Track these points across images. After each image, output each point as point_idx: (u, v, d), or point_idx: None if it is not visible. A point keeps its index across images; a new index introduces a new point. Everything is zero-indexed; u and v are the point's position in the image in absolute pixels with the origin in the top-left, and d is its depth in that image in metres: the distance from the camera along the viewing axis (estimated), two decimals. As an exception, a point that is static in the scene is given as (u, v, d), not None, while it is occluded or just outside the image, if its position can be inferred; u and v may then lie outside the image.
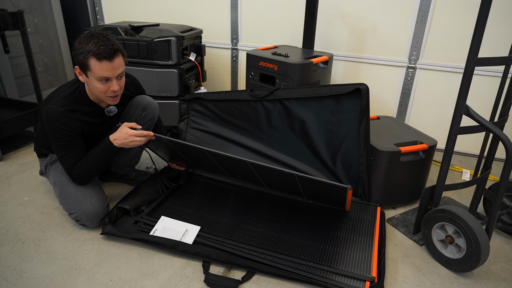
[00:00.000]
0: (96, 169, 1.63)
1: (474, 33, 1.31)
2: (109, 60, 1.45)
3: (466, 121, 1.38)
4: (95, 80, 1.48)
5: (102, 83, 1.49)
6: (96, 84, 1.49)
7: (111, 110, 1.69)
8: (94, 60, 1.43)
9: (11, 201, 1.86)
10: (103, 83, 1.49)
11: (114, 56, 1.46)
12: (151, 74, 2.33)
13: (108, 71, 1.46)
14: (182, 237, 1.55)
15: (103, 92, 1.52)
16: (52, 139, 1.57)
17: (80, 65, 1.47)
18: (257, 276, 1.45)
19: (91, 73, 1.47)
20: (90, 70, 1.46)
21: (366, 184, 1.82)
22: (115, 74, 1.49)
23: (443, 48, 2.37)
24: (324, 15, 2.52)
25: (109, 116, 1.72)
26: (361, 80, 2.61)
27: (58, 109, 1.52)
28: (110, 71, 1.47)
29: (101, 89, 1.51)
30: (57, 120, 1.52)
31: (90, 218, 1.62)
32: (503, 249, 1.65)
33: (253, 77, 2.29)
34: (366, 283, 1.36)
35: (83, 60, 1.44)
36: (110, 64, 1.46)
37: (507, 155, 1.34)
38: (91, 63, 1.44)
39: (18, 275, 1.41)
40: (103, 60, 1.44)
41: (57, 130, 1.53)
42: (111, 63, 1.46)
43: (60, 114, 1.52)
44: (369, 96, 1.72)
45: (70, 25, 3.12)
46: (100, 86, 1.50)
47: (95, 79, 1.48)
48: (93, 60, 1.43)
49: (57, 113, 1.52)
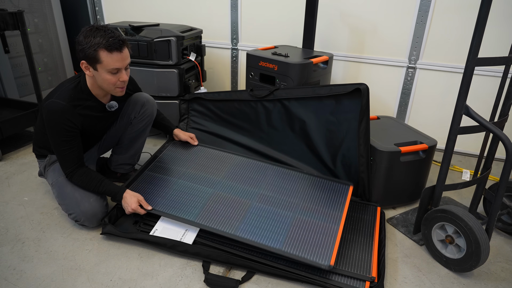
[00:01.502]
0: (91, 191, 1.65)
1: (474, 33, 1.31)
2: (120, 51, 1.47)
3: (466, 121, 1.38)
4: (105, 72, 1.49)
5: (112, 74, 1.51)
6: (106, 76, 1.50)
7: (112, 105, 1.70)
8: (105, 52, 1.44)
9: (11, 201, 1.86)
10: (113, 74, 1.51)
11: (123, 47, 1.48)
12: (151, 74, 2.33)
13: (119, 61, 1.48)
14: (182, 237, 1.55)
15: (113, 83, 1.53)
16: (52, 134, 1.56)
17: (89, 58, 1.47)
18: (257, 276, 1.45)
19: (102, 66, 1.48)
20: (100, 63, 1.47)
21: (366, 184, 1.82)
22: (125, 64, 1.52)
23: (443, 48, 2.37)
24: (324, 15, 2.52)
25: (110, 112, 1.73)
26: (361, 80, 2.61)
27: (60, 103, 1.52)
28: (121, 62, 1.49)
29: (111, 80, 1.52)
30: (60, 114, 1.52)
31: (88, 218, 1.62)
32: (503, 249, 1.65)
33: (253, 77, 2.29)
34: (366, 283, 1.36)
35: (93, 54, 1.45)
36: (121, 55, 1.48)
37: (507, 155, 1.34)
38: (101, 55, 1.45)
39: (18, 275, 1.41)
40: (114, 52, 1.45)
41: (58, 124, 1.53)
42: (121, 54, 1.48)
43: (63, 108, 1.52)
44: (369, 96, 1.72)
45: (70, 25, 3.11)
46: (110, 78, 1.51)
47: (105, 71, 1.49)
48: (104, 52, 1.44)
49: (60, 107, 1.52)
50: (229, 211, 1.62)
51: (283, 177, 1.85)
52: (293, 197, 1.73)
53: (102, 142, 1.90)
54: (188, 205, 1.65)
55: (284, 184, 1.81)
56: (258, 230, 1.52)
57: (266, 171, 1.90)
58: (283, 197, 1.72)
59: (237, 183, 1.80)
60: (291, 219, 1.59)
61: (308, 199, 1.72)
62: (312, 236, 1.50)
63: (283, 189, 1.77)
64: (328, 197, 1.74)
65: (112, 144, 1.96)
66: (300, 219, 1.59)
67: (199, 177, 1.82)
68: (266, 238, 1.49)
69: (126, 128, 1.88)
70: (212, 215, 1.59)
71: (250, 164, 1.94)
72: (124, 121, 1.85)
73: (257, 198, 1.71)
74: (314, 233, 1.52)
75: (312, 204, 1.69)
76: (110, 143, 1.93)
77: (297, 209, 1.65)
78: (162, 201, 1.67)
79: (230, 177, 1.84)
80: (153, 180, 1.80)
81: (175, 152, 2.01)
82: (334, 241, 1.48)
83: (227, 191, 1.74)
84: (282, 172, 1.90)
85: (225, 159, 1.97)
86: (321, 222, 1.58)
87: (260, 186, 1.79)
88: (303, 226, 1.56)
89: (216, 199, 1.68)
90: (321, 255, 1.42)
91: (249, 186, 1.78)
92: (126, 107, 1.83)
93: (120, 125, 1.86)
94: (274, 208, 1.65)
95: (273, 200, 1.70)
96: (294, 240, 1.48)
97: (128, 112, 1.84)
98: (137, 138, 1.92)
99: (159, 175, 1.84)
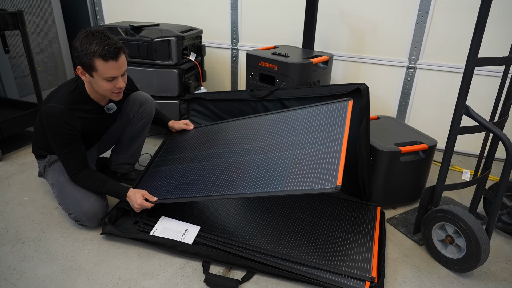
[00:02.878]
0: (95, 192, 1.66)
1: (474, 33, 1.31)
2: (115, 60, 1.46)
3: (466, 121, 1.38)
4: (101, 80, 1.49)
5: (108, 82, 1.50)
6: (102, 84, 1.50)
7: (110, 107, 1.70)
8: (101, 61, 1.44)
9: (11, 201, 1.86)
10: (109, 82, 1.51)
11: (119, 55, 1.47)
12: (151, 74, 2.33)
13: (115, 70, 1.48)
14: (182, 237, 1.55)
15: (109, 90, 1.53)
16: (53, 138, 1.57)
17: (85, 66, 1.47)
18: (257, 276, 1.45)
19: (97, 74, 1.47)
20: (96, 71, 1.46)
21: (366, 184, 1.82)
22: (121, 72, 1.51)
23: (443, 48, 2.37)
24: (324, 15, 2.52)
25: (109, 113, 1.73)
26: (361, 80, 2.61)
27: (59, 107, 1.52)
28: (116, 70, 1.48)
29: (107, 87, 1.52)
30: (59, 118, 1.52)
31: (89, 217, 1.62)
32: (503, 249, 1.65)
33: (253, 77, 2.29)
34: (366, 283, 1.36)
35: (88, 62, 1.44)
36: (116, 63, 1.47)
37: (507, 155, 1.34)
38: (97, 64, 1.44)
39: (18, 275, 1.41)
40: (110, 61, 1.45)
41: (58, 128, 1.53)
42: (117, 63, 1.47)
43: (62, 112, 1.52)
44: (369, 96, 1.72)
45: (70, 25, 3.12)
46: (106, 85, 1.51)
47: (101, 79, 1.49)
48: (100, 61, 1.44)
49: (59, 111, 1.52)
50: (229, 175, 1.57)
51: (278, 122, 1.74)
52: (290, 136, 1.60)
53: (102, 142, 1.90)
54: (191, 184, 1.62)
55: (280, 128, 1.69)
56: (258, 181, 1.45)
57: (260, 123, 1.81)
58: (280, 140, 1.61)
59: (233, 146, 1.74)
60: (290, 157, 1.48)
61: (306, 131, 1.59)
62: (314, 166, 1.39)
63: (280, 133, 1.66)
64: (327, 120, 1.59)
65: (112, 144, 1.96)
66: (300, 154, 1.48)
67: (197, 156, 1.79)
68: (266, 185, 1.41)
69: (125, 127, 1.88)
70: (214, 186, 1.54)
71: (243, 124, 1.87)
72: (123, 120, 1.85)
73: (254, 152, 1.62)
74: (316, 162, 1.40)
75: (311, 134, 1.55)
76: (110, 142, 1.93)
77: (295, 146, 1.53)
78: (167, 190, 1.66)
79: (226, 144, 1.79)
80: (156, 175, 1.81)
81: (173, 143, 2.02)
82: (338, 162, 1.35)
83: (225, 157, 1.69)
84: (276, 118, 1.78)
85: (219, 130, 1.93)
86: (322, 148, 1.45)
87: (256, 140, 1.70)
88: (304, 159, 1.44)
89: (216, 169, 1.64)
90: (326, 179, 1.31)
91: (245, 144, 1.71)
92: (125, 107, 1.84)
93: (119, 124, 1.86)
94: (272, 154, 1.55)
95: (270, 147, 1.60)
96: (296, 176, 1.38)
97: (127, 111, 1.84)
98: (137, 137, 1.93)
99: (161, 168, 1.85)
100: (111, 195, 1.66)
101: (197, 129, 2.06)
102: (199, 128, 2.06)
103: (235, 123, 1.92)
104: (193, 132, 2.04)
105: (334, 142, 1.45)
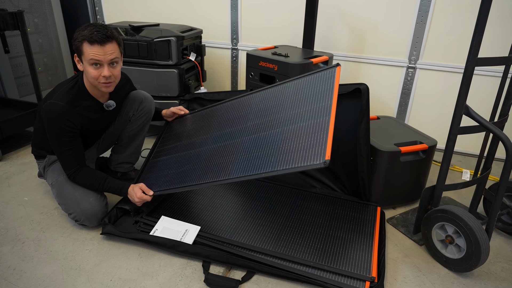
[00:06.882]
0: (97, 189, 1.66)
1: (474, 33, 1.31)
2: (100, 44, 1.47)
3: (466, 121, 1.38)
4: (88, 64, 1.50)
5: (94, 67, 1.50)
6: (89, 69, 1.51)
7: (109, 104, 1.71)
8: (87, 44, 1.46)
9: (11, 201, 1.86)
10: (95, 68, 1.51)
11: (106, 41, 1.48)
12: (151, 74, 2.33)
13: (99, 54, 1.48)
14: (182, 237, 1.55)
15: (95, 77, 1.53)
16: (52, 135, 1.57)
17: (77, 51, 1.51)
18: (257, 276, 1.45)
19: (84, 57, 1.49)
20: (83, 54, 1.49)
21: (366, 184, 1.82)
22: (106, 59, 1.50)
23: (443, 48, 2.37)
24: (324, 15, 2.52)
25: (108, 111, 1.74)
26: (361, 80, 2.61)
27: (59, 103, 1.53)
28: (101, 55, 1.48)
29: (93, 74, 1.51)
30: (59, 115, 1.52)
31: (88, 217, 1.62)
32: (503, 249, 1.65)
33: (253, 77, 2.29)
34: (366, 283, 1.36)
35: (77, 45, 1.48)
36: (102, 48, 1.48)
37: (507, 155, 1.34)
38: (84, 47, 1.47)
39: (18, 275, 1.41)
40: (95, 44, 1.46)
41: (58, 125, 1.53)
42: (102, 47, 1.48)
43: (62, 108, 1.52)
44: (369, 96, 1.72)
45: (70, 25, 3.12)
46: (92, 71, 1.51)
47: (87, 63, 1.50)
48: (86, 44, 1.47)
49: (59, 107, 1.52)
50: (222, 159, 1.55)
51: (268, 98, 1.70)
52: (280, 112, 1.57)
53: (101, 141, 1.90)
54: (187, 173, 1.62)
55: (270, 104, 1.65)
56: (249, 162, 1.44)
57: (250, 102, 1.76)
58: (270, 117, 1.58)
59: (226, 128, 1.71)
60: (279, 134, 1.46)
61: (295, 105, 1.54)
62: (303, 141, 1.36)
63: (270, 109, 1.62)
64: (315, 91, 1.53)
65: (111, 143, 1.96)
66: (289, 130, 1.45)
67: (193, 143, 1.79)
68: (258, 167, 1.39)
69: (125, 126, 1.89)
70: (208, 172, 1.54)
71: (234, 105, 1.84)
72: (123, 119, 1.86)
73: (245, 133, 1.60)
74: (304, 137, 1.37)
75: (299, 108, 1.51)
76: (109, 142, 1.93)
77: (285, 122, 1.50)
78: (166, 180, 1.67)
79: (219, 127, 1.77)
80: (154, 167, 1.81)
81: (169, 132, 2.02)
82: (326, 135, 1.32)
83: (218, 141, 1.67)
84: (266, 94, 1.74)
85: (212, 113, 1.90)
86: (310, 121, 1.42)
87: (247, 120, 1.67)
88: (292, 135, 1.42)
89: (210, 155, 1.63)
90: (315, 155, 1.28)
91: (237, 125, 1.68)
92: (124, 105, 1.85)
93: (119, 123, 1.86)
94: (262, 133, 1.53)
95: (261, 126, 1.57)
96: (285, 154, 1.36)
97: (127, 109, 1.85)
98: (136, 135, 1.93)
99: (159, 159, 1.85)
100: (113, 192, 1.66)
101: (191, 115, 2.03)
102: (193, 113, 2.03)
103: (227, 104, 1.89)
104: (188, 118, 2.03)
105: (322, 114, 1.41)
